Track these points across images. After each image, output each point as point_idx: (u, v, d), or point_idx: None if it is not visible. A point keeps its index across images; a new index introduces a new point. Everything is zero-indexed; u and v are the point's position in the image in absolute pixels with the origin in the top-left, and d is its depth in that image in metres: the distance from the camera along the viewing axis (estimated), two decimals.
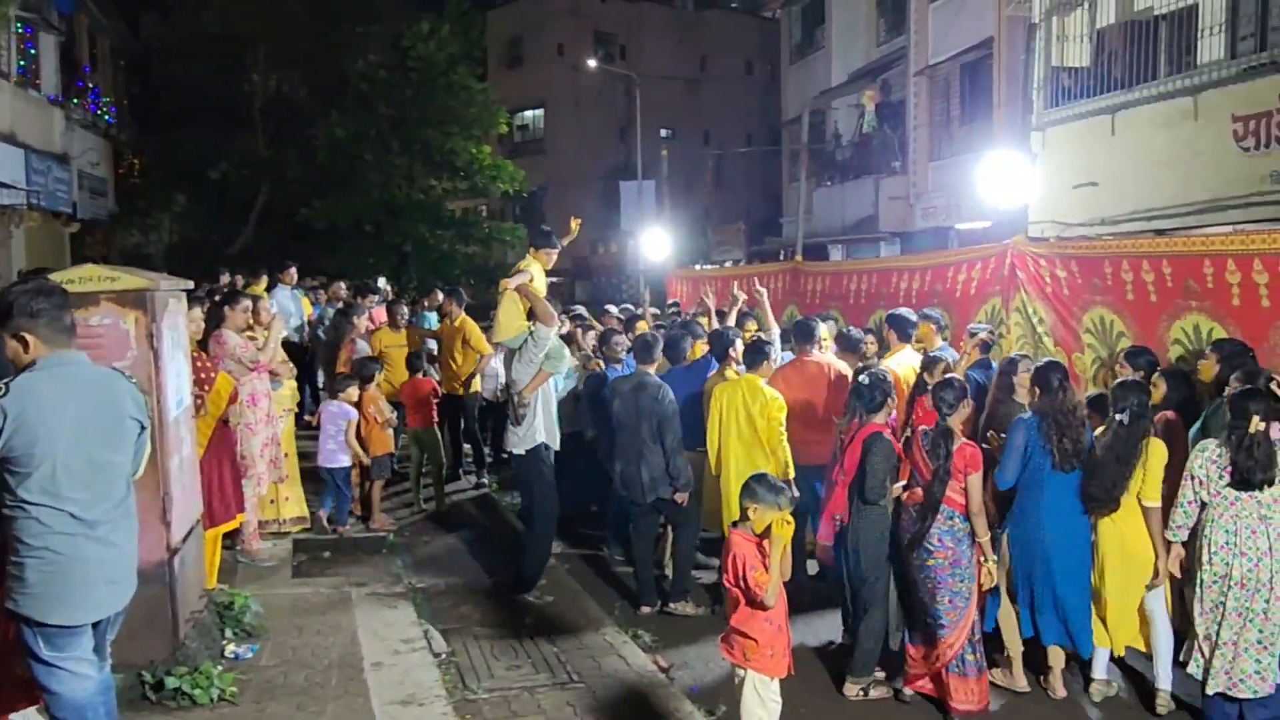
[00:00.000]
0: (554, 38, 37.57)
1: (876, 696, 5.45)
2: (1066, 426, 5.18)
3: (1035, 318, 7.47)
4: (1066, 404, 5.24)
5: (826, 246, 21.79)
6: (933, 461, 5.09)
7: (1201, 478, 4.70)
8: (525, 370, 6.72)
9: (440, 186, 22.29)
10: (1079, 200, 12.19)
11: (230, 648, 5.34)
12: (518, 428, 6.76)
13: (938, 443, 5.10)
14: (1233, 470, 4.58)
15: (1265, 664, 4.60)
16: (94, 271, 4.58)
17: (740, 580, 4.09)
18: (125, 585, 3.57)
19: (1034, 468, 5.24)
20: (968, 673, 5.11)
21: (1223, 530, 4.66)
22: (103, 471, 3.42)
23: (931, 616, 5.13)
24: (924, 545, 5.11)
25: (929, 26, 18.99)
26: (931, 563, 5.09)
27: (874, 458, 5.25)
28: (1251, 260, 5.65)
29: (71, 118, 16.27)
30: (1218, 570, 4.66)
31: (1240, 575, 4.60)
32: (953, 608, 5.08)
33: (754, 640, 4.16)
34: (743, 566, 4.07)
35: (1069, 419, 5.19)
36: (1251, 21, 10.84)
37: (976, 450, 5.12)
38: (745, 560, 4.09)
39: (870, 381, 5.46)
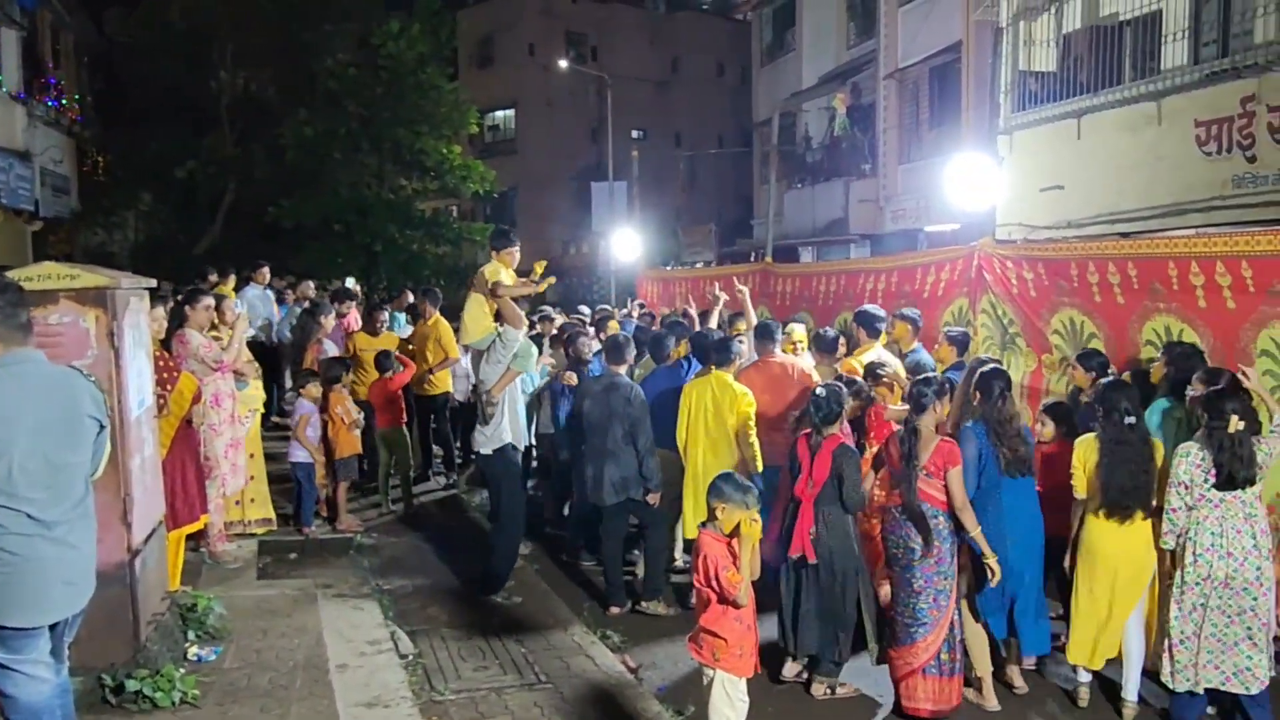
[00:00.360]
0: (525, 38, 37.46)
1: (843, 695, 5.47)
2: (1003, 435, 5.23)
3: (1005, 319, 7.53)
4: (1003, 413, 5.27)
5: (797, 248, 21.89)
6: (902, 461, 5.13)
7: (1187, 482, 4.70)
8: (493, 370, 6.71)
9: (410, 186, 22.15)
10: (1045, 203, 12.31)
11: (193, 650, 5.27)
12: (485, 427, 6.75)
13: (905, 441, 5.13)
14: (1217, 471, 4.60)
15: (1256, 660, 4.65)
16: (53, 269, 4.50)
17: (713, 580, 4.09)
18: (83, 587, 3.51)
19: (989, 473, 5.24)
20: (944, 672, 5.12)
21: (1209, 532, 4.67)
22: (60, 471, 3.36)
23: (913, 616, 5.13)
24: (910, 547, 5.11)
25: (898, 30, 19.12)
26: (917, 561, 5.10)
27: (850, 470, 5.29)
28: (1214, 263, 5.72)
29: (34, 114, 16.00)
30: (1201, 572, 4.67)
31: (1225, 575, 4.63)
32: (935, 605, 5.10)
33: (723, 640, 4.17)
34: (714, 567, 4.08)
35: (1004, 428, 5.24)
36: (1213, 28, 11.00)
37: (954, 446, 5.12)
38: (716, 561, 4.10)
39: (827, 394, 5.48)
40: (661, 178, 35.19)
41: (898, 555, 5.19)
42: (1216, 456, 4.60)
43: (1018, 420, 5.33)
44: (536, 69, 36.94)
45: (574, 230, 35.61)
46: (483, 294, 6.78)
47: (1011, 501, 5.24)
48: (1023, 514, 5.28)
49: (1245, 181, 9.99)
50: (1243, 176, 10.02)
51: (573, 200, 35.98)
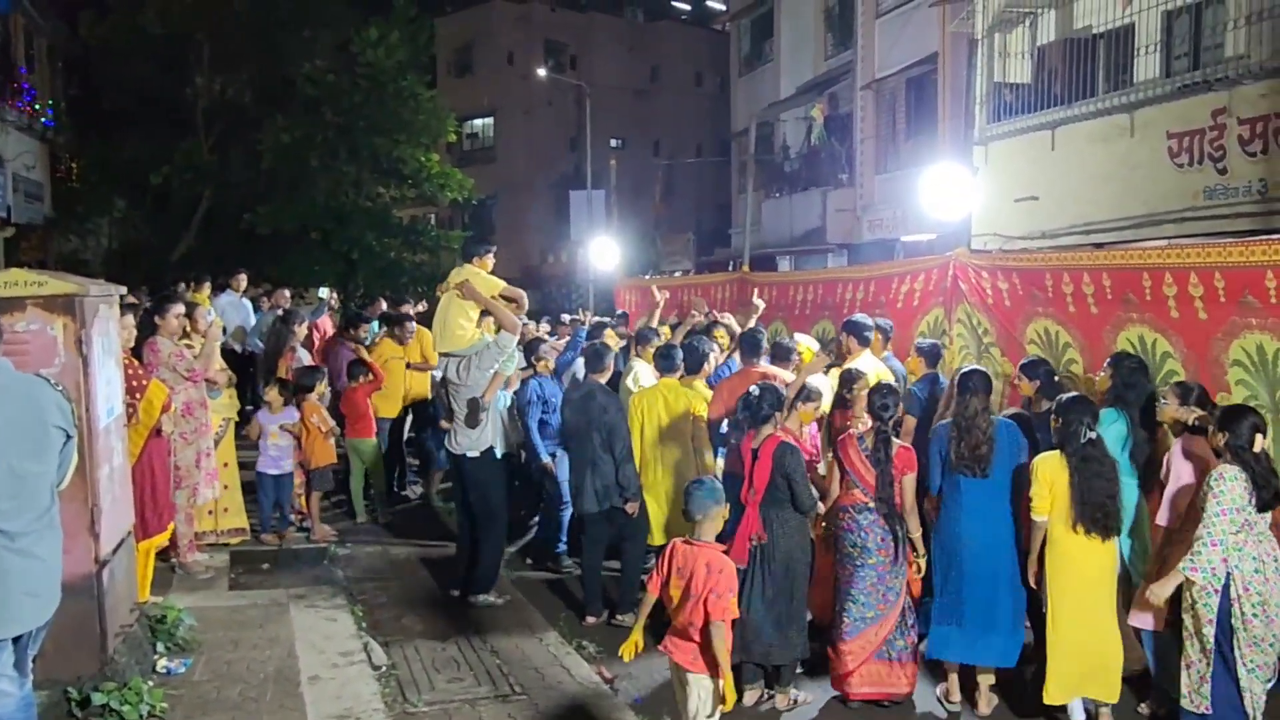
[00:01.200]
0: (504, 46, 37.47)
1: (804, 701, 5.51)
2: (966, 431, 5.25)
3: (980, 329, 7.56)
4: (970, 410, 5.30)
5: (775, 257, 21.95)
6: (875, 466, 5.25)
7: (1241, 507, 4.47)
8: (482, 376, 6.73)
9: (388, 194, 22.06)
10: (1020, 213, 12.42)
11: (162, 662, 5.21)
12: (471, 431, 6.75)
13: (878, 448, 5.26)
14: (1258, 494, 4.48)
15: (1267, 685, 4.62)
16: (20, 276, 4.44)
17: (703, 597, 4.07)
18: (48, 599, 3.45)
19: (947, 474, 5.33)
20: (893, 658, 5.28)
21: (1250, 557, 4.52)
22: (25, 482, 3.30)
23: (860, 612, 5.29)
24: (865, 546, 5.27)
25: (875, 41, 19.24)
26: (873, 561, 5.26)
27: (795, 469, 5.33)
28: (1187, 274, 5.76)
29: (6, 119, 15.85)
30: (1255, 599, 4.50)
31: (1264, 597, 4.51)
32: (884, 600, 5.29)
33: (700, 643, 4.16)
34: (727, 585, 4.08)
35: (969, 424, 5.26)
36: (1185, 41, 11.15)
37: (911, 452, 5.32)
38: (729, 579, 4.12)
39: (760, 392, 5.55)
40: (640, 187, 35.24)
41: (852, 554, 5.31)
42: (1251, 478, 4.48)
43: (983, 419, 5.29)
44: (515, 77, 36.95)
45: (552, 239, 35.59)
46: (472, 299, 6.75)
47: (971, 503, 5.26)
48: (985, 516, 5.25)
49: (1217, 193, 10.11)
50: (1214, 188, 10.15)
51: (551, 209, 35.97)
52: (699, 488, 4.32)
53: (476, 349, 6.75)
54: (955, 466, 5.25)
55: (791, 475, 5.30)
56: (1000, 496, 5.27)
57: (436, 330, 6.96)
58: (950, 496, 5.34)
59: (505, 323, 6.73)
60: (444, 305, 6.86)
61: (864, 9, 19.49)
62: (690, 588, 4.12)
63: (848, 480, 5.38)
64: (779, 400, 5.59)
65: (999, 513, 5.27)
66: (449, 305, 6.82)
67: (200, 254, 20.30)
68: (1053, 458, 5.02)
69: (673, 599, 4.23)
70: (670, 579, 4.23)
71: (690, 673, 4.19)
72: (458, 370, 6.79)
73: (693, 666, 4.18)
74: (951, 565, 5.33)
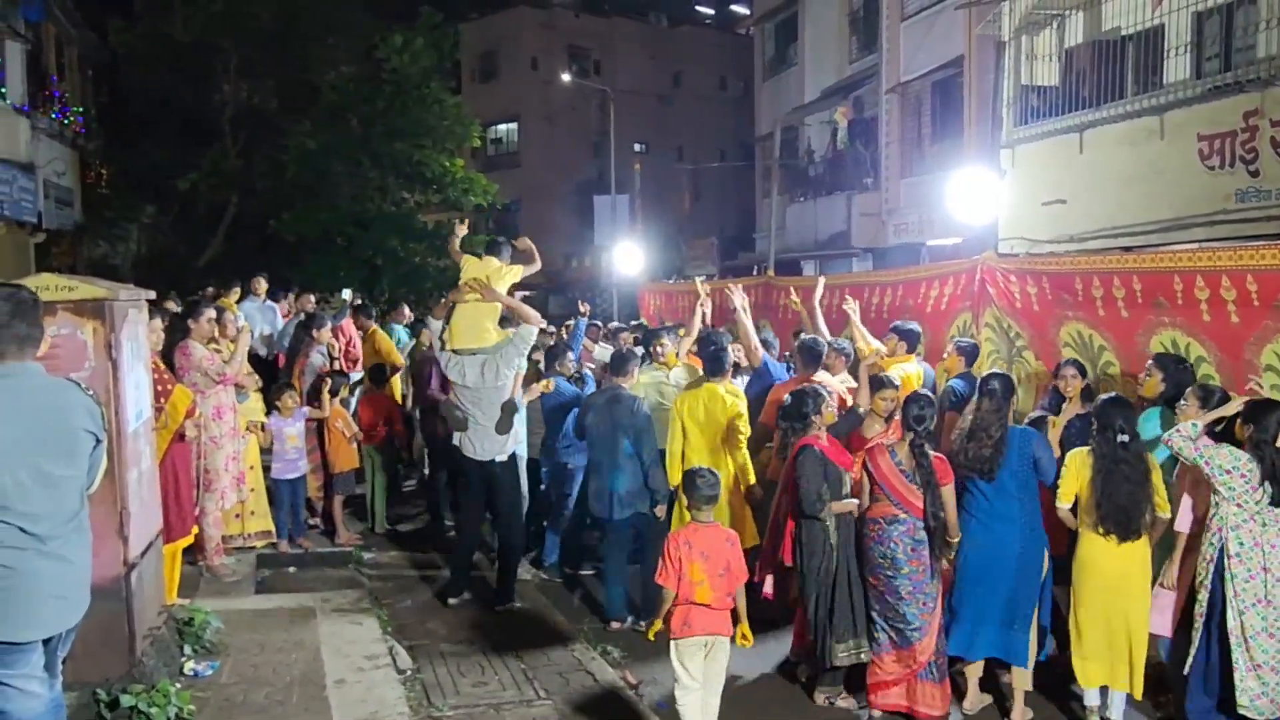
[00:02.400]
0: (528, 52, 37.57)
1: (842, 705, 5.49)
2: (974, 433, 5.25)
3: (1011, 332, 7.50)
4: (983, 410, 5.28)
5: (799, 262, 21.87)
6: (917, 482, 5.17)
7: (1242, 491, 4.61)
8: (509, 374, 6.76)
9: (412, 199, 22.16)
10: (1048, 217, 12.29)
11: (189, 665, 5.23)
12: (500, 436, 6.74)
13: (920, 462, 5.17)
14: (1274, 486, 4.56)
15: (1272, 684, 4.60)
16: (51, 280, 4.48)
17: (738, 564, 4.64)
18: (77, 601, 3.46)
19: (959, 475, 5.30)
20: (935, 677, 5.21)
21: (1237, 540, 4.64)
22: (55, 485, 3.32)
23: (905, 622, 5.20)
24: (895, 558, 5.19)
25: (900, 45, 19.15)
26: (906, 571, 5.18)
27: (803, 469, 5.33)
28: (1219, 277, 5.68)
29: (38, 127, 16.02)
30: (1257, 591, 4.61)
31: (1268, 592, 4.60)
32: (925, 609, 5.20)
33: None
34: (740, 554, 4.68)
35: (979, 425, 5.25)
36: (1216, 42, 11.01)
37: (945, 461, 5.24)
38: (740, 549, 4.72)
39: (792, 400, 5.59)
40: (663, 191, 35.22)
41: (881, 565, 5.25)
42: (1265, 471, 4.56)
43: (995, 423, 5.24)
44: (539, 83, 37.03)
45: (576, 243, 35.59)
46: (494, 300, 6.77)
47: (979, 504, 5.26)
48: (992, 518, 5.23)
49: (1249, 195, 9.97)
50: (1246, 191, 10.01)
51: (575, 213, 35.99)
52: (704, 477, 4.70)
53: (500, 347, 6.76)
54: (962, 466, 5.25)
55: (800, 474, 5.33)
56: (1005, 500, 5.23)
57: (462, 329, 6.91)
58: (963, 498, 5.34)
59: (527, 317, 6.74)
60: (471, 307, 6.85)
61: (889, 12, 19.40)
62: (716, 564, 4.54)
63: (878, 491, 5.30)
64: (809, 406, 5.53)
65: (1009, 515, 5.22)
66: (477, 306, 6.83)
67: (226, 259, 20.50)
68: (1082, 452, 5.12)
69: (696, 582, 4.51)
70: (690, 565, 4.52)
71: (722, 638, 4.62)
72: (481, 372, 6.75)
73: (727, 631, 4.63)
74: (958, 563, 5.35)
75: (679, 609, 4.61)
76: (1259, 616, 4.58)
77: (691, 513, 4.78)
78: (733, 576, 4.60)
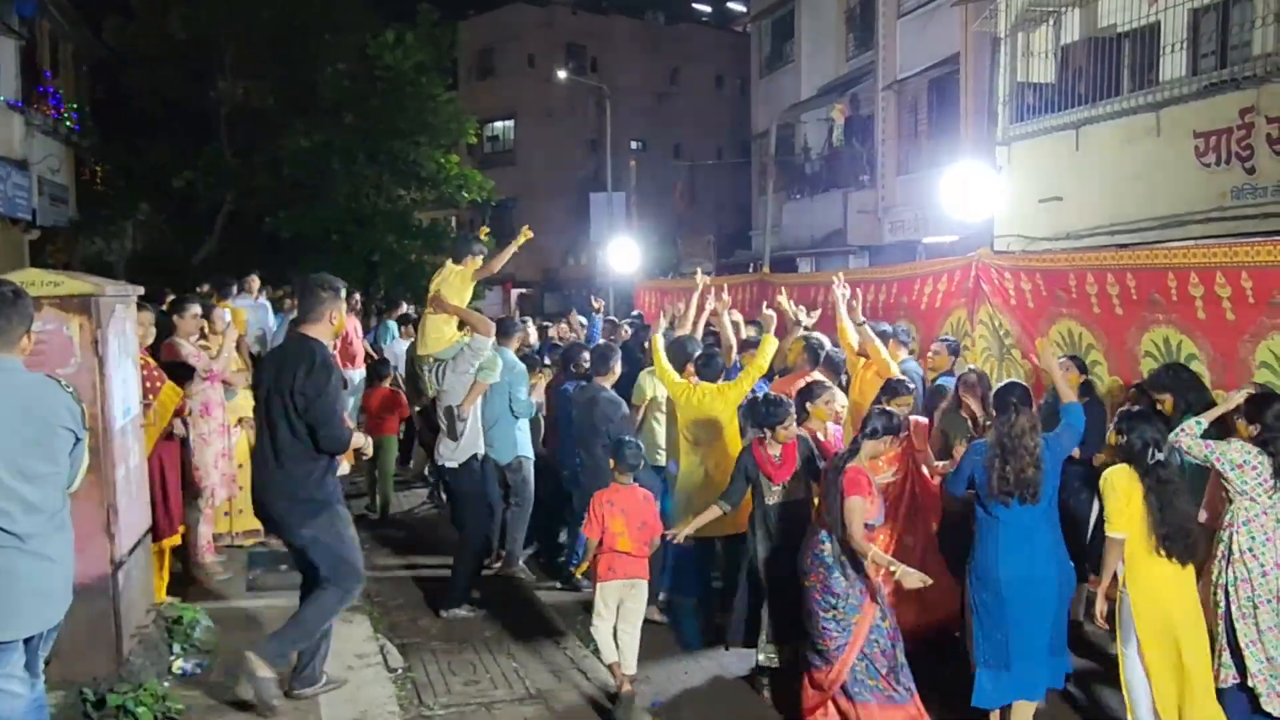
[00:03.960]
0: (525, 49, 37.51)
1: None
2: (1011, 452, 4.72)
3: (1001, 330, 7.48)
4: (1016, 428, 4.77)
5: (795, 259, 21.86)
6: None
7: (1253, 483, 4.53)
8: (459, 381, 6.65)
9: (408, 196, 22.11)
10: (1044, 214, 12.29)
11: (178, 663, 5.20)
12: (452, 441, 6.66)
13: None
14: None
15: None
16: (37, 276, 4.45)
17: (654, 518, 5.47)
18: (59, 600, 3.43)
19: (983, 502, 4.86)
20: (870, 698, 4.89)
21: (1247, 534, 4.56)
22: (34, 483, 3.28)
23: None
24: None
25: (897, 42, 19.13)
26: (807, 584, 5.07)
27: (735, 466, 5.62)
28: (1213, 274, 5.66)
29: (32, 123, 15.96)
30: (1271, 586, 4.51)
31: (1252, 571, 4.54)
32: (837, 629, 4.96)
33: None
34: (642, 518, 5.38)
35: (1016, 444, 4.73)
36: (1212, 39, 11.00)
37: (858, 474, 4.96)
38: (648, 519, 5.42)
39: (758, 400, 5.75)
40: (660, 189, 35.18)
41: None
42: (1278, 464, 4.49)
43: (1031, 437, 4.77)
44: (536, 80, 36.97)
45: (573, 241, 35.59)
46: (444, 311, 6.82)
47: (1009, 536, 4.75)
48: (1025, 549, 4.73)
49: (1244, 193, 9.97)
50: (1241, 188, 10.01)
51: (571, 211, 35.96)
52: (632, 449, 5.44)
53: (453, 352, 6.73)
54: (996, 493, 4.71)
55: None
56: (1042, 524, 4.79)
57: (424, 335, 6.95)
58: (986, 529, 4.83)
59: (473, 322, 6.71)
60: (432, 313, 6.89)
61: (885, 10, 19.38)
62: (634, 519, 5.32)
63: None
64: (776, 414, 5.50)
65: (1042, 543, 4.78)
66: (437, 313, 6.85)
67: (223, 257, 20.42)
68: (1123, 470, 4.63)
69: (617, 533, 5.30)
70: (612, 519, 5.30)
71: (639, 580, 5.37)
72: (437, 376, 6.76)
73: (644, 575, 5.40)
74: (991, 607, 4.80)
75: (604, 556, 5.35)
76: (1273, 612, 4.47)
77: (616, 475, 5.45)
78: (649, 529, 5.37)
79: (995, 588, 4.75)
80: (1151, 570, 4.55)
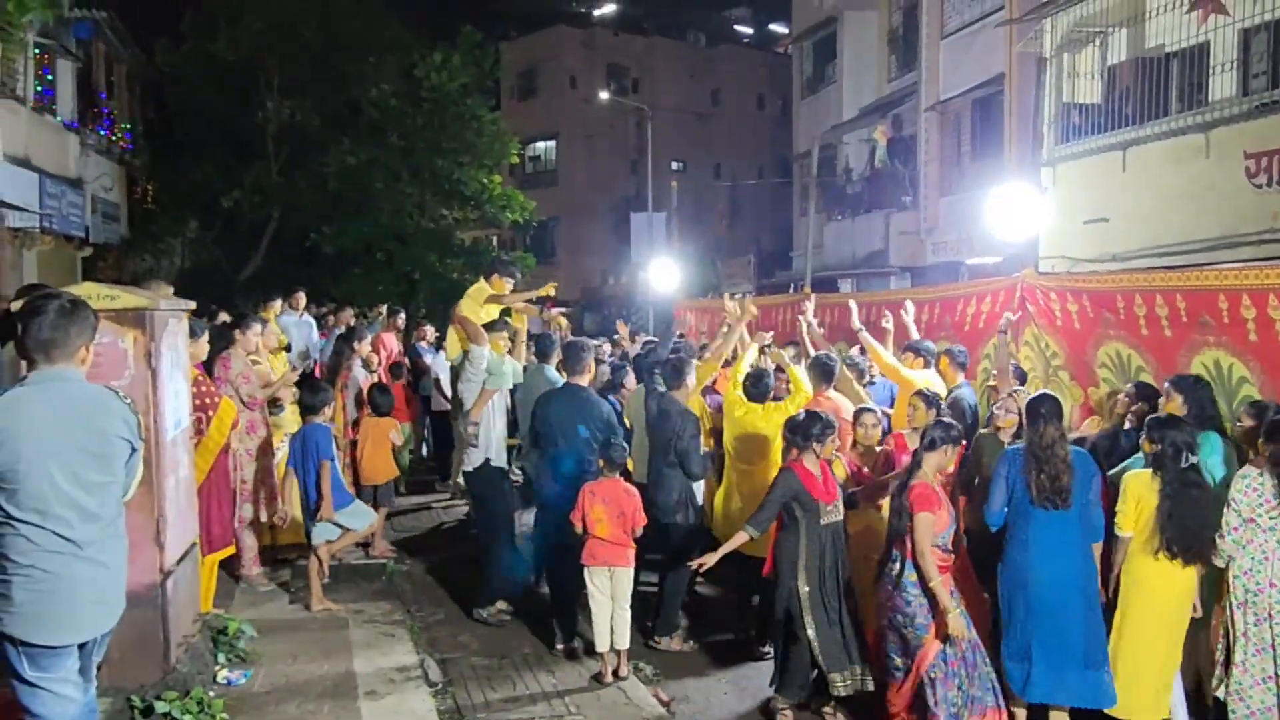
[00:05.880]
0: (567, 70, 37.82)
1: None
2: (1045, 461, 4.96)
3: (1048, 351, 7.39)
4: (1046, 438, 5.01)
5: (837, 280, 21.75)
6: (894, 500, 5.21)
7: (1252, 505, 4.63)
8: (468, 389, 6.97)
9: (451, 215, 22.32)
10: (1090, 236, 12.14)
11: (223, 673, 5.26)
12: (473, 447, 6.89)
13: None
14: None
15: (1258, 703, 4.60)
16: (93, 289, 4.55)
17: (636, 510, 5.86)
18: (113, 606, 3.49)
19: (1018, 505, 5.06)
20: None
21: (1249, 555, 4.64)
22: (92, 491, 3.35)
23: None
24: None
25: (940, 63, 19.04)
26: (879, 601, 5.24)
27: (773, 488, 5.45)
28: (1267, 295, 5.56)
29: (86, 143, 16.33)
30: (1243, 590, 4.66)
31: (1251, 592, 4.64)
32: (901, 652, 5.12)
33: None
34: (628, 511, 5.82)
35: (1048, 453, 4.98)
36: (1264, 59, 10.85)
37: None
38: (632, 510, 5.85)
39: (808, 416, 5.61)
40: (701, 209, 35.27)
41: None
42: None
43: (1062, 446, 5.02)
44: (577, 101, 37.26)
45: (613, 260, 35.69)
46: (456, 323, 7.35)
47: (1042, 536, 4.97)
48: (1057, 550, 4.95)
49: None
50: None
51: (612, 231, 36.12)
52: (619, 449, 5.96)
53: (458, 361, 7.11)
54: (1036, 500, 4.95)
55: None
56: (1074, 529, 4.98)
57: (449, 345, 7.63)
58: (1019, 529, 5.07)
59: (469, 333, 7.06)
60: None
61: (928, 30, 19.31)
62: (613, 509, 5.76)
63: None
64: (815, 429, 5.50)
65: (1071, 545, 4.97)
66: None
67: (268, 273, 20.73)
68: (1144, 476, 4.92)
69: (596, 520, 5.76)
70: (593, 509, 5.76)
71: (622, 568, 5.81)
72: (456, 386, 7.19)
73: (624, 562, 5.82)
74: (1019, 600, 5.03)
75: (588, 543, 5.82)
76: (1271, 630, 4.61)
77: (604, 470, 5.91)
78: (628, 519, 5.80)
79: (1025, 587, 4.99)
80: (1147, 568, 4.88)
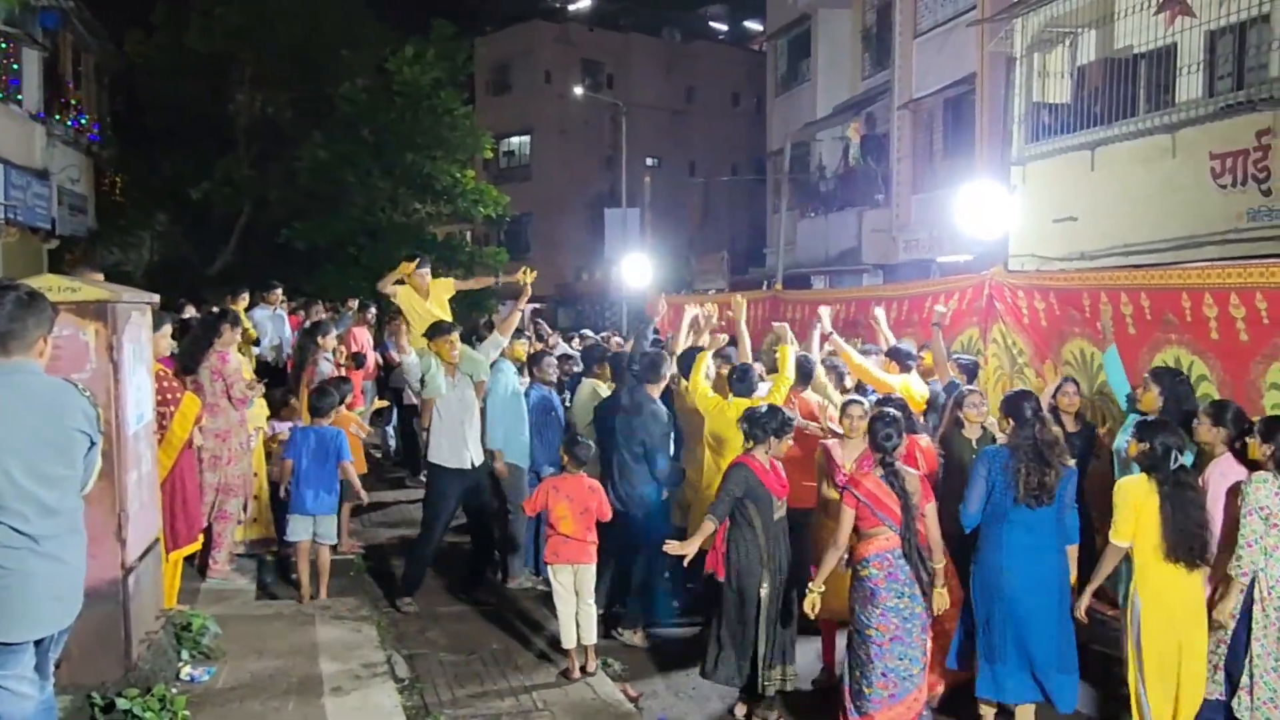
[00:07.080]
0: (542, 65, 37.70)
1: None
2: (1044, 461, 4.89)
3: (1015, 349, 7.46)
4: (1046, 436, 4.97)
5: (809, 277, 21.84)
6: (901, 499, 4.86)
7: (1271, 509, 4.57)
8: (423, 390, 7.16)
9: (423, 210, 22.21)
10: (1058, 234, 12.27)
11: (186, 670, 5.22)
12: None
13: (892, 481, 4.88)
14: None
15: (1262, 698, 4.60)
16: (54, 281, 4.48)
17: (599, 505, 5.94)
18: (71, 602, 3.44)
19: (996, 504, 4.98)
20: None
21: (1277, 561, 4.59)
22: (50, 485, 3.30)
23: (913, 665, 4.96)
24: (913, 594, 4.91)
25: (913, 61, 19.16)
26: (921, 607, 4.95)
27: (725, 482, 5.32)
28: (1228, 295, 5.64)
29: (53, 134, 16.11)
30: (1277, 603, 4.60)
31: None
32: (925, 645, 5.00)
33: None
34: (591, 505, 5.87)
35: (1050, 451, 4.92)
36: (1229, 61, 11.00)
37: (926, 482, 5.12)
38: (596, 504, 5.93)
39: (769, 410, 5.52)
40: (675, 205, 35.24)
41: (898, 606, 4.84)
42: None
43: (1060, 443, 5.05)
44: (552, 96, 37.14)
45: (587, 256, 35.65)
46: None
47: (1019, 537, 4.90)
48: (1032, 552, 4.91)
49: (1260, 214, 9.94)
50: (1258, 209, 9.98)
51: (586, 227, 36.06)
52: (584, 446, 6.00)
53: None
54: (1022, 498, 4.87)
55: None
56: (1050, 530, 4.96)
57: None
58: (994, 529, 4.98)
59: (400, 348, 7.49)
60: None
61: (902, 29, 19.42)
62: (577, 505, 5.79)
63: (875, 522, 4.87)
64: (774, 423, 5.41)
65: (1047, 548, 4.96)
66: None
67: (238, 268, 20.56)
68: (1140, 482, 4.77)
69: (560, 516, 5.77)
70: (557, 504, 5.80)
71: (585, 564, 5.81)
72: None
73: (587, 559, 5.82)
74: (993, 600, 4.97)
75: (550, 540, 5.85)
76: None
77: (568, 465, 5.94)
78: (591, 515, 5.83)
79: (1000, 588, 4.92)
80: (1161, 575, 4.70)
